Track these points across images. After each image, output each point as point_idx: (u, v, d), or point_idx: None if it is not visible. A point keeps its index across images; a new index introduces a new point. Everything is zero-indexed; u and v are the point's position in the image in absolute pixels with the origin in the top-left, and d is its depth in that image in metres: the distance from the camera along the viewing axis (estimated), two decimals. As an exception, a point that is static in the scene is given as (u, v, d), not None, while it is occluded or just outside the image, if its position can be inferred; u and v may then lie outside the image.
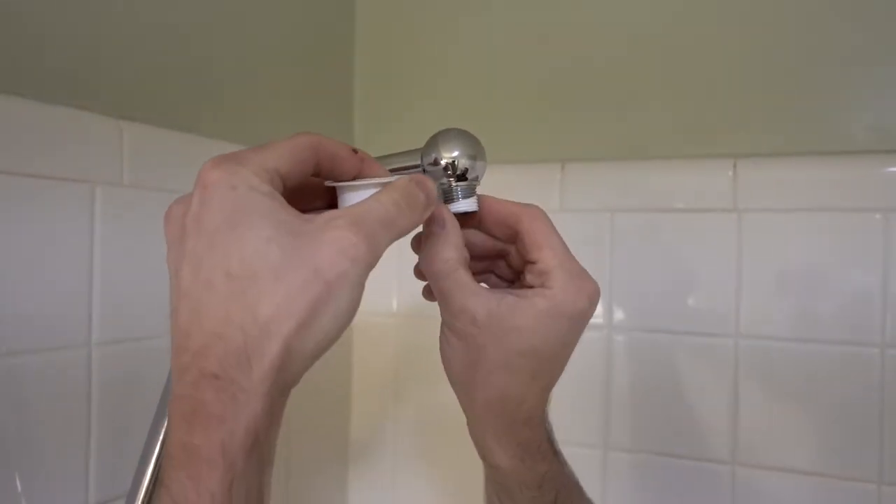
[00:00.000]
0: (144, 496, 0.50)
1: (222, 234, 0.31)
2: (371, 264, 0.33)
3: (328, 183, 0.37)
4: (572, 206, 0.78)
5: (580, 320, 0.40)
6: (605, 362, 0.77)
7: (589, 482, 0.47)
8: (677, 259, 0.75)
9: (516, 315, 0.40)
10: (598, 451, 0.77)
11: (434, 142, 0.41)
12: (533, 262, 0.41)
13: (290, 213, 0.32)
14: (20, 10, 0.51)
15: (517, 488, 0.44)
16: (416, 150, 0.42)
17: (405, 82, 0.89)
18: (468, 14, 0.86)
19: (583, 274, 0.41)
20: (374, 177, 0.37)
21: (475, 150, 0.41)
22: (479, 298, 0.40)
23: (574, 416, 0.77)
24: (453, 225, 0.40)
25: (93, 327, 0.55)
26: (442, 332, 0.43)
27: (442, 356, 0.43)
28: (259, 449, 0.31)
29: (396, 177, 0.36)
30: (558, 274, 0.40)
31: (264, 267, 0.31)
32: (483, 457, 0.46)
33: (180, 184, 0.63)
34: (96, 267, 0.55)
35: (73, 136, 0.54)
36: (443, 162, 0.40)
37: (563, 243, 0.41)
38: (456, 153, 0.40)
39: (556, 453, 0.46)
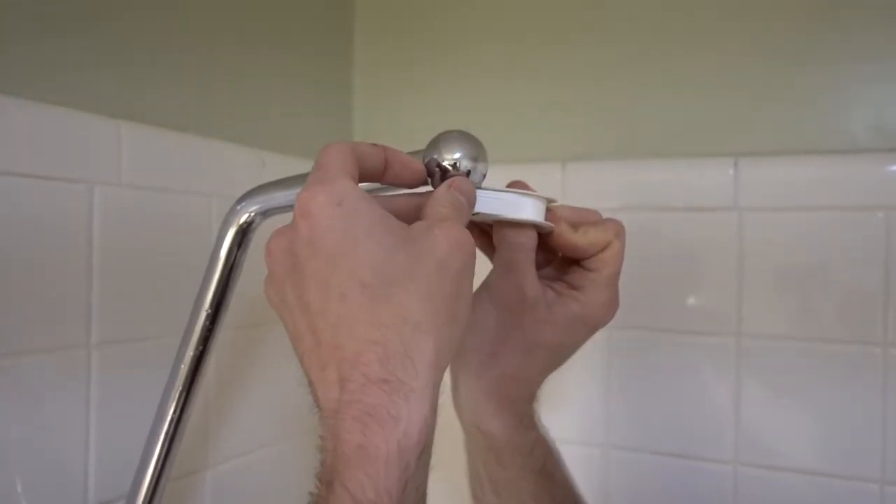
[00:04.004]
0: (144, 498, 0.50)
1: (343, 251, 0.32)
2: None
3: (378, 194, 0.40)
4: (573, 205, 0.78)
5: (599, 328, 0.46)
6: (606, 361, 0.76)
7: (589, 481, 0.48)
8: (678, 257, 0.75)
9: (553, 311, 0.44)
10: (599, 450, 0.77)
11: (435, 143, 0.41)
12: (590, 270, 0.44)
13: (392, 218, 0.34)
14: (17, 8, 0.51)
15: (510, 454, 0.48)
16: (418, 152, 0.42)
17: (405, 83, 0.89)
18: (468, 11, 0.86)
19: (615, 288, 0.45)
20: (401, 163, 0.40)
21: (477, 151, 0.41)
22: (536, 283, 0.44)
23: (575, 415, 0.77)
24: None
25: (91, 328, 0.55)
26: (480, 297, 0.45)
27: (473, 323, 0.45)
28: (427, 449, 0.32)
29: (428, 189, 0.39)
30: (599, 287, 0.44)
31: (397, 271, 0.33)
32: (474, 424, 0.49)
33: (179, 184, 0.63)
34: (95, 267, 0.55)
35: (71, 136, 0.54)
36: (445, 164, 0.40)
37: None
38: (458, 155, 0.40)
39: (539, 420, 0.50)
